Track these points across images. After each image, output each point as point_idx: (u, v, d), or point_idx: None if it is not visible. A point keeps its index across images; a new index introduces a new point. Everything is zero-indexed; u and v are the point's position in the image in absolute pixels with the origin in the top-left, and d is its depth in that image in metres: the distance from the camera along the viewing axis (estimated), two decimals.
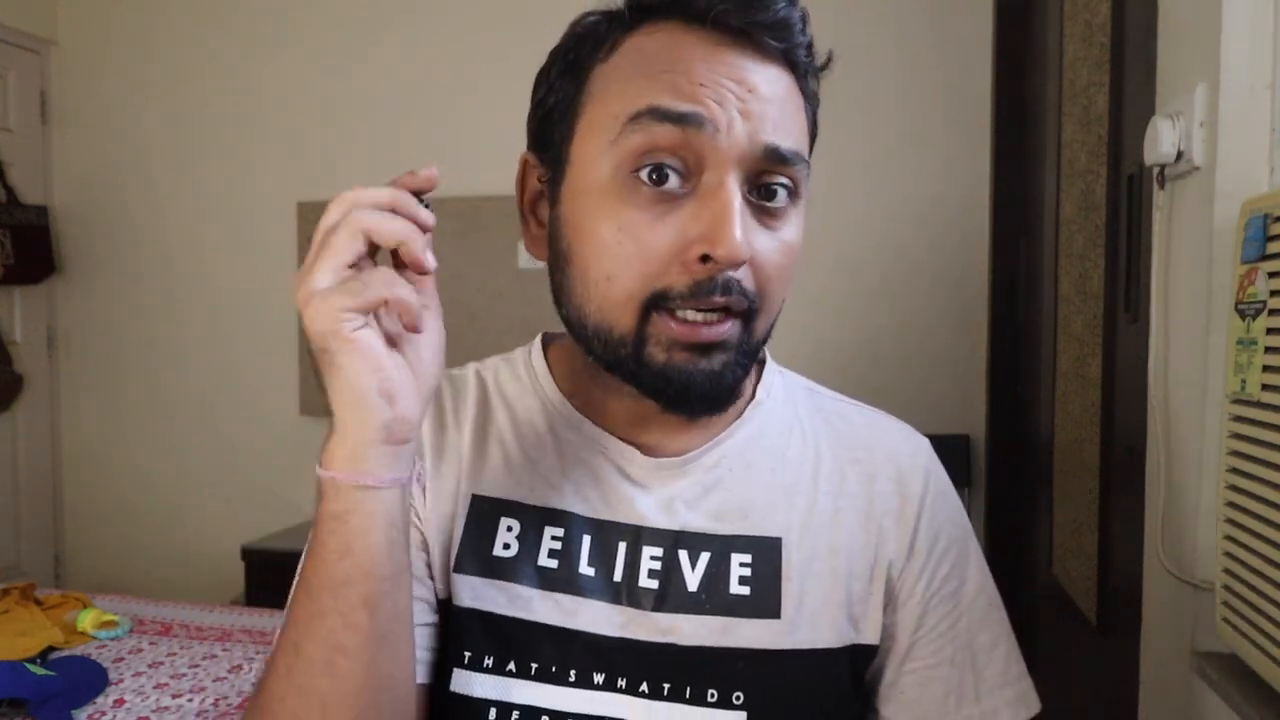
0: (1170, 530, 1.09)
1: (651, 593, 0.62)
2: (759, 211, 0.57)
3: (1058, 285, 1.81)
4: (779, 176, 0.57)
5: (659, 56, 0.56)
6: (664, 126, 0.54)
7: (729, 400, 0.60)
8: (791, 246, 0.59)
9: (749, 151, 0.55)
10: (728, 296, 0.55)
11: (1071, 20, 1.71)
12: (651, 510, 0.64)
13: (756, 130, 0.55)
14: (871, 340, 2.64)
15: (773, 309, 0.60)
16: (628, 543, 0.63)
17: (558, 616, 0.62)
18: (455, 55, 2.90)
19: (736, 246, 0.53)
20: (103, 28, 3.22)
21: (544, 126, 0.62)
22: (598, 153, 0.57)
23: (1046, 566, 1.87)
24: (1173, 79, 1.12)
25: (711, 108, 0.54)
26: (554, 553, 0.63)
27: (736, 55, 0.56)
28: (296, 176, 3.04)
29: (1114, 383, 1.42)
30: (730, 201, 0.54)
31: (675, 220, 0.55)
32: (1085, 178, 1.58)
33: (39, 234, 3.13)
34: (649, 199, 0.55)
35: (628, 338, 0.57)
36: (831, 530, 0.65)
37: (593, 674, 0.61)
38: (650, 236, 0.55)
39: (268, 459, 3.10)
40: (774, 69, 0.57)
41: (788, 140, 0.56)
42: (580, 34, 0.61)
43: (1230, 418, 0.94)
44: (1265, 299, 0.87)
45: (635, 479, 0.65)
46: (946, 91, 2.61)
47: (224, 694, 1.59)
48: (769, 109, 0.56)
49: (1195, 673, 1.02)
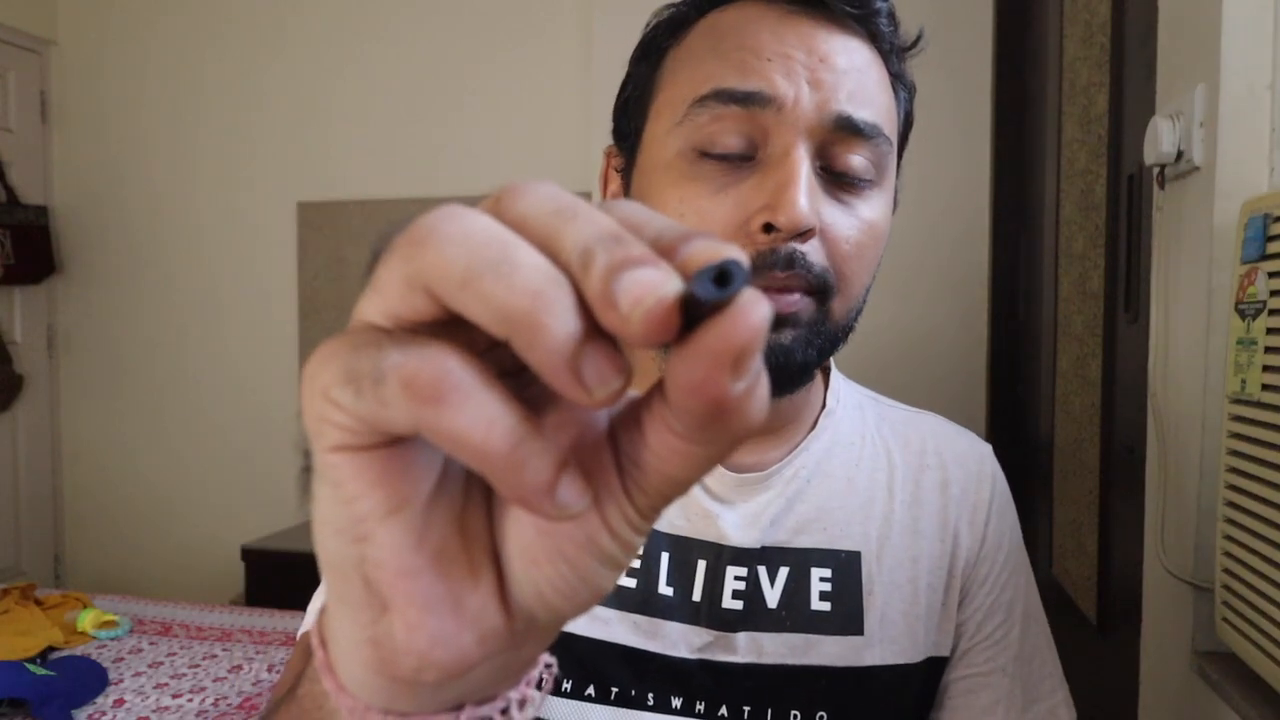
0: (1170, 530, 1.09)
1: (735, 613, 0.60)
2: (835, 186, 0.54)
3: (1058, 285, 1.81)
4: (856, 151, 0.54)
5: (728, 34, 0.55)
6: (729, 108, 0.52)
7: (799, 381, 0.57)
8: (873, 225, 0.55)
9: (819, 121, 0.52)
10: (791, 271, 0.51)
11: (1071, 20, 1.71)
12: (734, 527, 0.61)
13: (827, 100, 0.52)
14: (872, 340, 2.64)
15: (852, 291, 0.55)
16: (708, 561, 0.61)
17: (636, 638, 0.59)
18: (456, 55, 2.90)
19: (799, 212, 0.50)
20: (103, 28, 3.22)
21: (623, 115, 0.61)
22: (664, 133, 0.56)
23: (1046, 566, 1.87)
24: (1173, 79, 1.12)
25: (776, 82, 0.52)
26: (632, 571, 0.60)
27: (810, 25, 0.54)
28: (296, 176, 3.05)
29: (1114, 383, 1.42)
30: (795, 168, 0.51)
31: (738, 191, 0.53)
32: (1085, 178, 1.58)
33: (39, 234, 3.13)
34: (713, 172, 0.53)
35: None
36: (911, 540, 0.63)
37: (671, 698, 0.59)
38: (712, 206, 0.53)
39: (268, 459, 3.10)
40: (852, 40, 0.55)
41: (863, 111, 0.53)
42: (659, 21, 0.60)
43: (1230, 418, 0.94)
44: (1265, 299, 0.87)
45: (718, 494, 0.62)
46: (946, 91, 2.61)
47: (224, 694, 1.59)
48: (843, 79, 0.53)
49: (1195, 673, 1.02)
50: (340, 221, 3.01)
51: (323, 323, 3.02)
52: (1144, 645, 1.20)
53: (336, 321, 3.00)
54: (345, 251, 3.01)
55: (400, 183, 2.95)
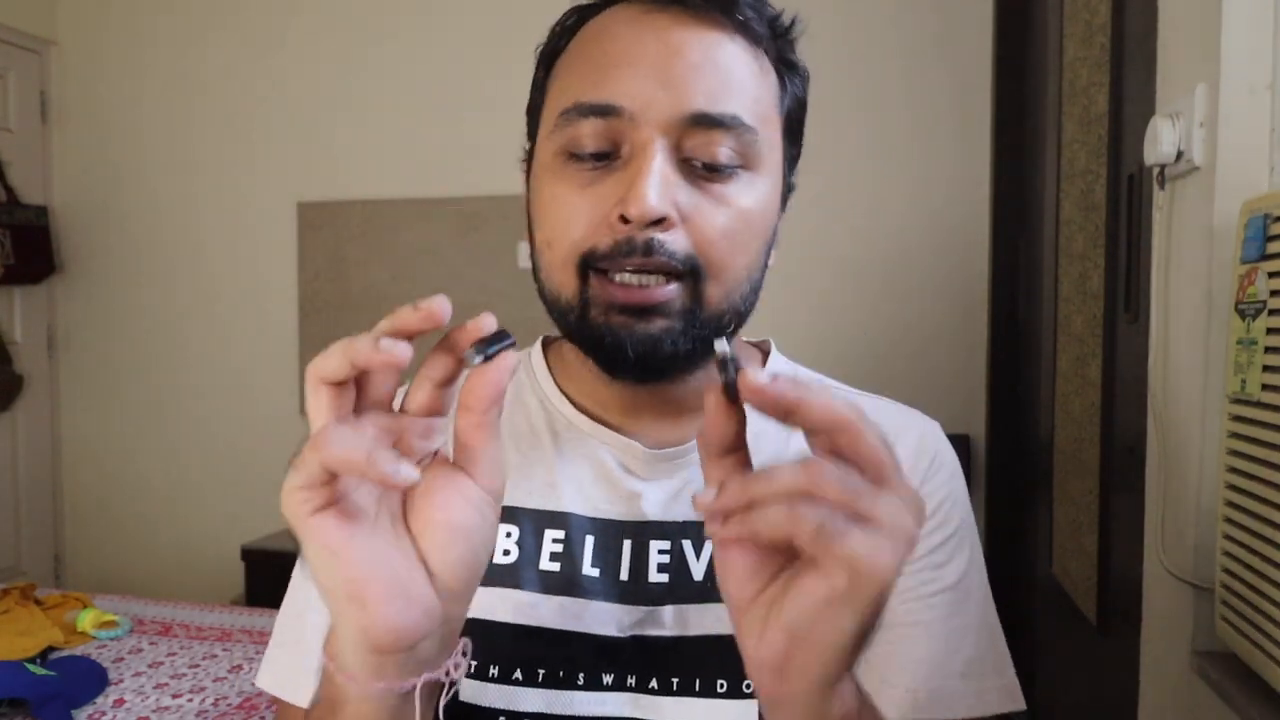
0: (1170, 530, 1.09)
1: (660, 587, 0.62)
2: (703, 178, 0.57)
3: (1058, 285, 1.81)
4: (720, 142, 0.56)
5: (595, 42, 0.59)
6: (586, 120, 0.56)
7: (671, 367, 0.59)
8: (745, 211, 0.58)
9: (674, 120, 0.55)
10: (649, 257, 0.55)
11: (1071, 20, 1.71)
12: (656, 504, 0.63)
13: (681, 98, 0.55)
14: (872, 340, 2.64)
15: (726, 276, 0.58)
16: (632, 540, 0.63)
17: (562, 620, 0.61)
18: (456, 55, 2.90)
19: (645, 203, 0.53)
20: (103, 28, 3.22)
21: (528, 119, 0.66)
22: (545, 137, 0.60)
23: (1046, 566, 1.87)
24: (1173, 79, 1.12)
25: (626, 90, 0.55)
26: (555, 555, 0.62)
27: (668, 21, 0.57)
28: (297, 176, 3.05)
29: (1114, 383, 1.42)
30: (646, 164, 0.54)
31: (600, 188, 0.57)
32: (1085, 178, 1.58)
33: (39, 234, 3.13)
34: (580, 172, 0.57)
35: (573, 302, 0.58)
36: None
37: (601, 675, 0.60)
38: (578, 201, 0.57)
39: (268, 459, 3.09)
40: (712, 33, 0.57)
41: (721, 104, 0.56)
42: (550, 31, 0.63)
43: (1230, 418, 0.94)
44: (1265, 299, 0.87)
45: (638, 472, 0.64)
46: (946, 91, 2.61)
47: (224, 694, 1.59)
48: (697, 74, 0.55)
49: (1195, 673, 1.02)
50: (340, 221, 3.00)
51: (323, 322, 3.02)
52: (1144, 645, 1.20)
53: (336, 321, 3.00)
54: (345, 251, 3.00)
55: (400, 183, 2.95)
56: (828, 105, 2.76)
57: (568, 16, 0.62)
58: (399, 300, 0.44)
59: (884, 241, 2.63)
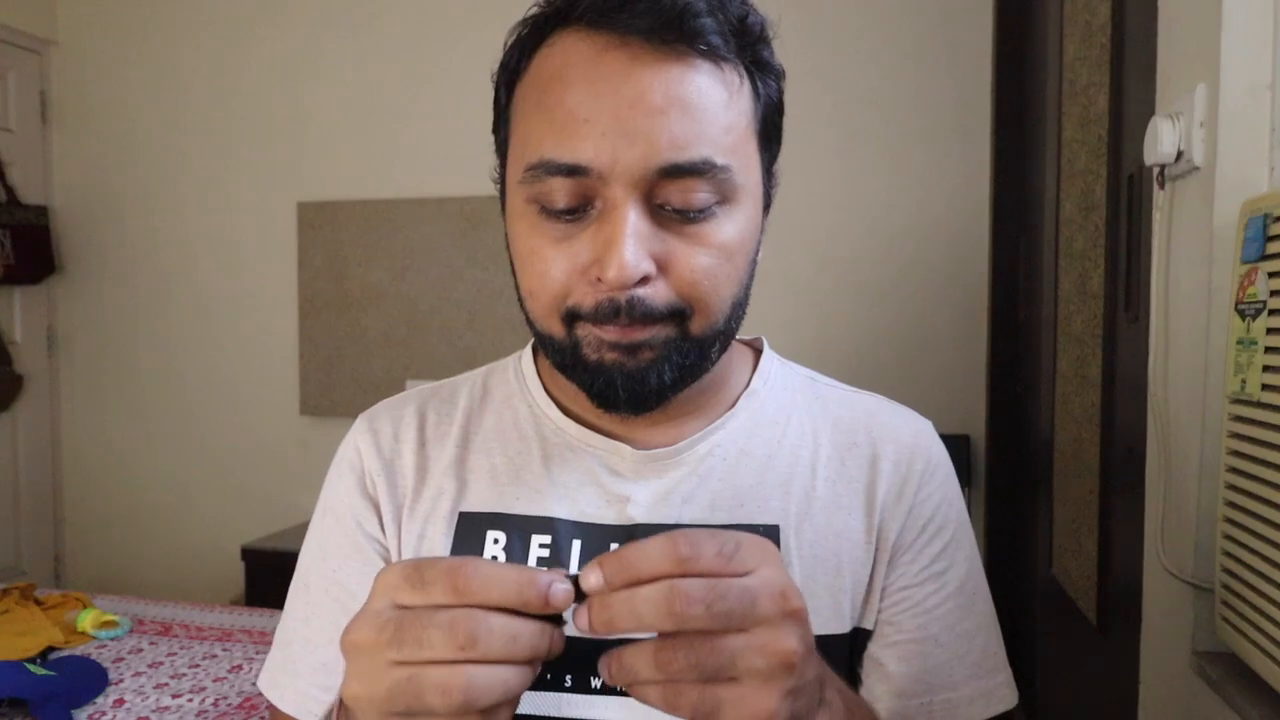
0: (1170, 530, 1.09)
1: None
2: (678, 222, 0.55)
3: (1058, 285, 1.81)
4: (693, 189, 0.55)
5: (551, 87, 0.56)
6: (554, 179, 0.55)
7: (659, 398, 0.59)
8: (725, 245, 0.57)
9: (643, 175, 0.53)
10: (631, 318, 0.55)
11: (1071, 20, 1.71)
12: (645, 506, 0.63)
13: (647, 154, 0.53)
14: (872, 340, 2.64)
15: (712, 308, 0.57)
16: (620, 543, 0.63)
17: None
18: (456, 55, 2.90)
19: (623, 269, 0.53)
20: (103, 28, 3.22)
21: (495, 142, 0.64)
22: (514, 183, 0.59)
23: (1046, 566, 1.87)
24: (1173, 79, 1.12)
25: (593, 150, 0.53)
26: (542, 560, 0.63)
27: (625, 63, 0.54)
28: (297, 176, 3.05)
29: (1114, 383, 1.42)
30: (619, 225, 0.53)
31: (575, 244, 0.56)
32: (1085, 178, 1.58)
33: (39, 234, 3.13)
34: (553, 226, 0.57)
35: (564, 344, 0.58)
36: (833, 515, 0.64)
37: (590, 678, 0.60)
38: (554, 255, 0.56)
39: (268, 459, 3.10)
40: (674, 68, 0.54)
41: (689, 152, 0.54)
42: (507, 50, 0.61)
43: (1230, 418, 0.94)
44: (1265, 299, 0.87)
45: (626, 474, 0.64)
46: (946, 91, 2.61)
47: (224, 694, 1.59)
48: (661, 122, 0.53)
49: (1195, 673, 1.02)
50: (340, 221, 3.00)
51: (323, 323, 3.02)
52: (1144, 645, 1.20)
53: (336, 321, 3.00)
54: (345, 251, 3.00)
55: (400, 183, 2.95)
56: (828, 105, 2.77)
57: (516, 42, 0.60)
58: (399, 300, 0.43)
59: (884, 241, 2.63)
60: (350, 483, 0.68)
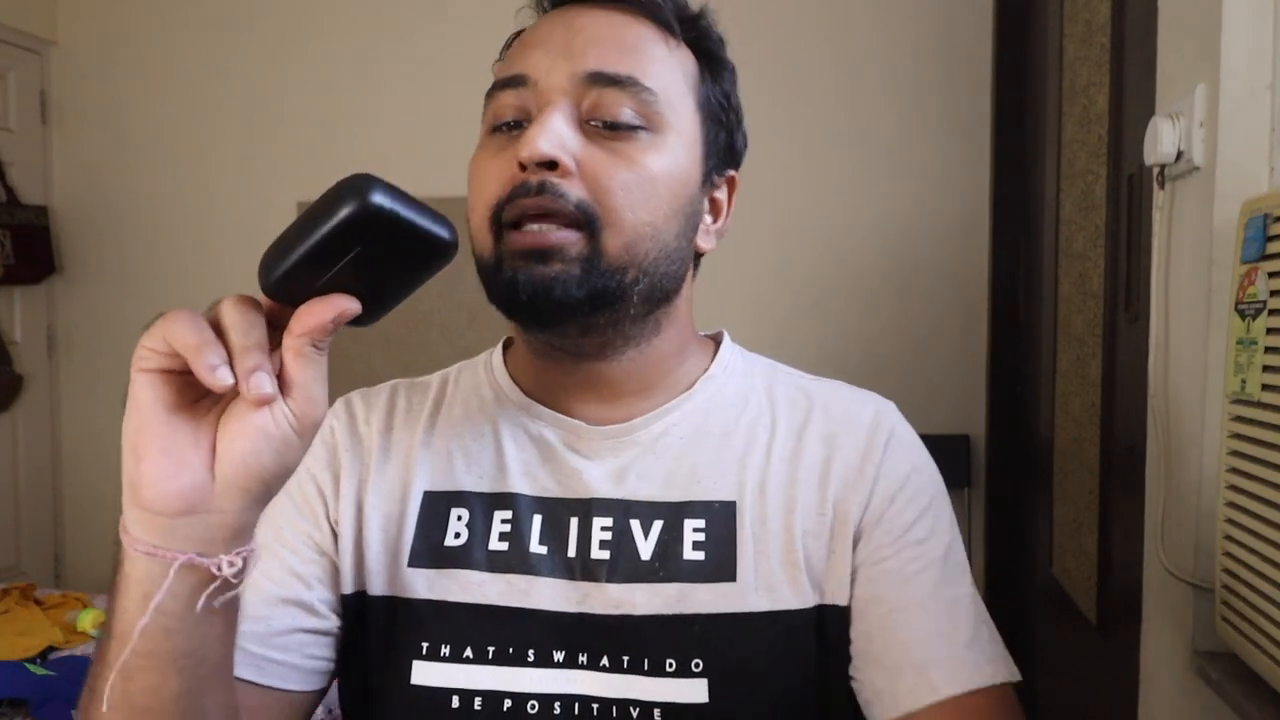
0: (1170, 530, 1.09)
1: (604, 564, 0.62)
2: (607, 136, 0.60)
3: (1058, 285, 1.81)
4: (621, 102, 0.60)
5: (521, 39, 0.66)
6: (503, 93, 0.62)
7: (565, 314, 0.59)
8: (644, 167, 0.60)
9: (571, 81, 0.60)
10: (541, 196, 0.57)
11: (1071, 20, 1.71)
12: (601, 481, 0.65)
13: (578, 62, 0.60)
14: (872, 340, 2.64)
15: (624, 227, 0.59)
16: (579, 517, 0.64)
17: (511, 597, 0.62)
18: (456, 55, 2.90)
19: (534, 146, 0.57)
20: (103, 28, 3.22)
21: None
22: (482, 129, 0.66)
23: (1046, 566, 1.87)
24: (1173, 79, 1.12)
25: (531, 64, 0.61)
26: (504, 535, 0.64)
27: (578, 10, 0.63)
28: (297, 176, 3.04)
29: (1114, 383, 1.42)
30: (541, 119, 0.59)
31: (510, 150, 0.60)
32: (1085, 178, 1.58)
33: (39, 234, 3.12)
34: (498, 140, 0.63)
35: (491, 259, 0.61)
36: (788, 490, 0.64)
37: (552, 652, 0.61)
38: (492, 164, 0.61)
39: None
40: (618, 16, 0.63)
41: (616, 66, 0.60)
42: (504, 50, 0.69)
43: (1230, 418, 0.94)
44: (1265, 299, 0.87)
45: (583, 451, 0.66)
46: (946, 92, 2.61)
47: None
48: (595, 43, 0.61)
49: (1195, 673, 1.02)
50: None
51: None
52: (1144, 645, 1.20)
53: None
54: None
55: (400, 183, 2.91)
56: (828, 105, 2.77)
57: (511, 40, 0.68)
58: None
59: (884, 241, 2.63)
60: (319, 453, 0.70)
